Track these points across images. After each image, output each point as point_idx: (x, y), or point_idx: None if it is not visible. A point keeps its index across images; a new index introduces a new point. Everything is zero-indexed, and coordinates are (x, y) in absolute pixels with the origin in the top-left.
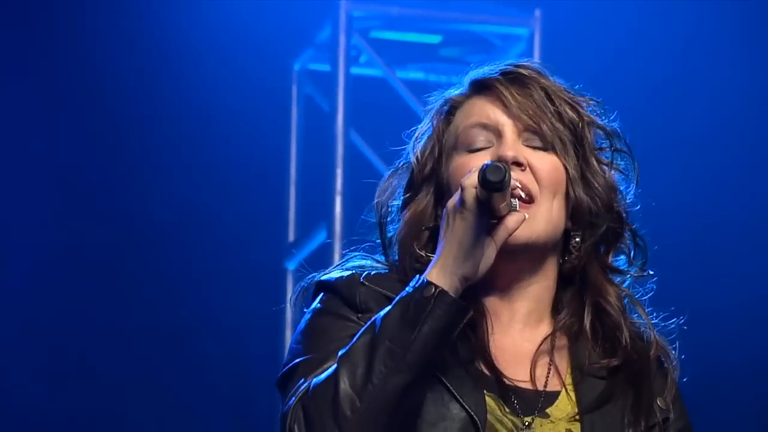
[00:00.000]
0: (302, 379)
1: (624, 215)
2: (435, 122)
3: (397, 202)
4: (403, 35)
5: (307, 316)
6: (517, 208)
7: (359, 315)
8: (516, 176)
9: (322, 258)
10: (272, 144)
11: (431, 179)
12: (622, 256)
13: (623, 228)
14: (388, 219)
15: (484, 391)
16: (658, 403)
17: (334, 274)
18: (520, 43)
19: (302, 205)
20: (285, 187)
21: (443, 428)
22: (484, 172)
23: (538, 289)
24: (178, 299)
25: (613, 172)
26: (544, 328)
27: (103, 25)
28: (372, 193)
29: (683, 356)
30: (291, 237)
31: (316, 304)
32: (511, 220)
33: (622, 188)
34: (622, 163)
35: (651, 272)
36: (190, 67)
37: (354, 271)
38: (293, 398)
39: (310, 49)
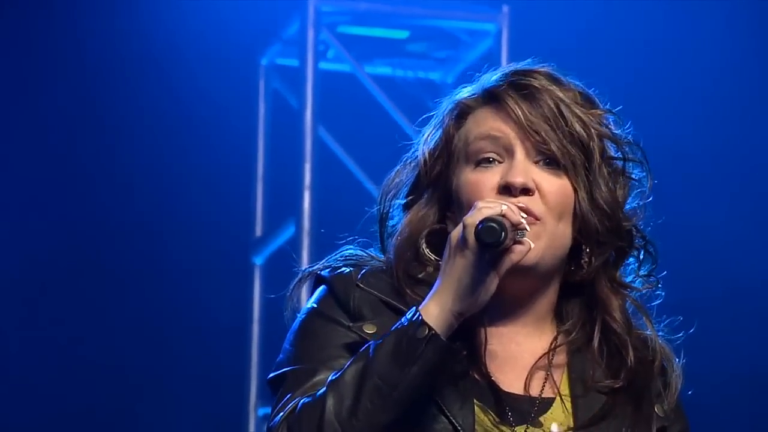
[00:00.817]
0: (290, 393)
1: (633, 230)
2: (445, 125)
3: (400, 201)
4: (371, 30)
5: (302, 315)
6: (524, 238)
7: (351, 324)
8: (523, 201)
9: (290, 253)
10: (239, 139)
11: (438, 183)
12: (632, 259)
13: (632, 244)
14: (390, 214)
15: (474, 401)
16: (656, 411)
17: (334, 267)
18: (487, 39)
19: (270, 200)
20: (252, 183)
21: None
22: (478, 232)
23: (540, 303)
24: (144, 293)
25: (626, 181)
26: (545, 338)
27: (68, 22)
28: (340, 189)
29: (685, 362)
30: (258, 232)
31: (312, 302)
32: (515, 253)
33: (634, 196)
34: (636, 171)
35: (659, 283)
36: (156, 61)
37: (352, 269)
38: (280, 414)
39: (277, 44)
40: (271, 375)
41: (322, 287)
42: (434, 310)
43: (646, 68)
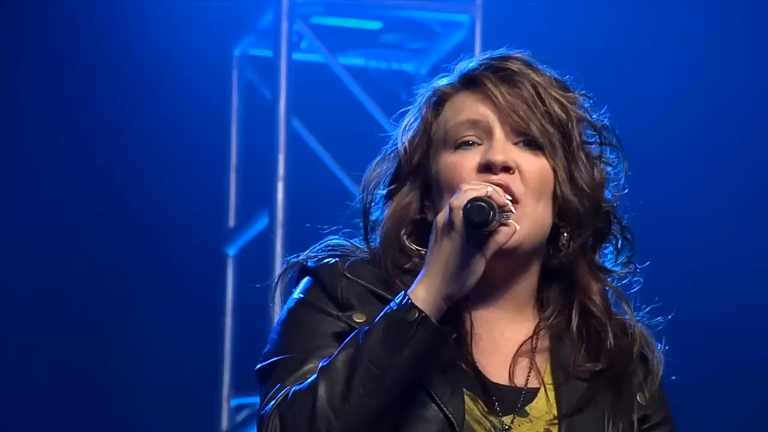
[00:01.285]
0: (280, 382)
1: (612, 212)
2: (424, 113)
3: (382, 191)
4: (344, 21)
5: (289, 305)
6: (509, 220)
7: (340, 313)
8: (503, 179)
9: (263, 244)
10: (212, 130)
11: (418, 171)
12: (610, 247)
13: (611, 226)
14: (372, 205)
15: (464, 390)
16: (638, 399)
17: (319, 258)
18: (461, 30)
19: (243, 191)
20: (225, 173)
21: (421, 430)
22: (468, 212)
23: (522, 287)
24: (117, 284)
25: (602, 166)
26: (527, 325)
27: (41, 13)
28: (314, 180)
29: (667, 349)
30: (232, 223)
31: (298, 293)
32: (501, 234)
33: (611, 181)
34: (612, 156)
35: (638, 268)
36: (129, 52)
37: (337, 259)
38: (271, 403)
39: (250, 34)
40: (258, 365)
41: (307, 278)
42: (423, 294)
43: (620, 59)
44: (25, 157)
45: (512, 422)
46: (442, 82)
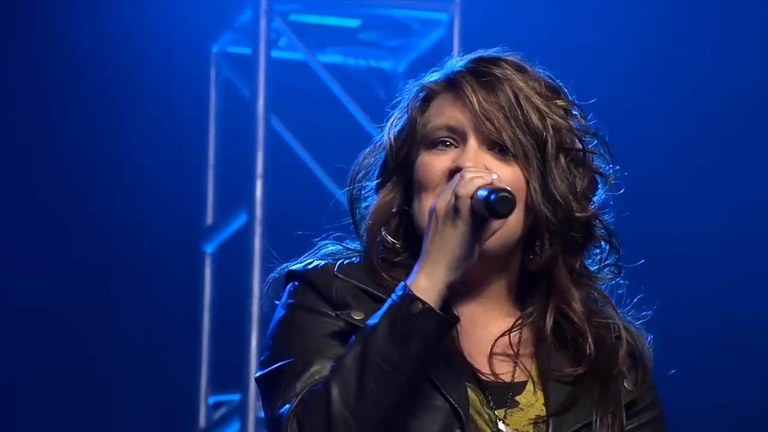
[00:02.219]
0: (289, 385)
1: (594, 219)
2: (410, 109)
3: (368, 183)
4: (323, 19)
5: (282, 312)
6: None
7: (337, 312)
8: None
9: (241, 241)
10: (190, 127)
11: (404, 167)
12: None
13: (590, 234)
14: (361, 199)
15: (466, 383)
16: (625, 384)
17: (306, 263)
18: (439, 28)
19: (221, 188)
20: (203, 171)
21: (428, 420)
22: (492, 202)
23: (499, 285)
24: (95, 280)
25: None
26: (509, 321)
27: (18, 10)
28: (292, 177)
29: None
30: (209, 220)
31: (289, 298)
32: (497, 222)
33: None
34: (600, 162)
35: (621, 274)
36: (107, 48)
37: (326, 261)
38: (286, 406)
39: (229, 32)
40: (260, 373)
41: (296, 283)
42: (424, 283)
43: (599, 56)
44: (1, 156)
45: (505, 414)
46: (431, 78)
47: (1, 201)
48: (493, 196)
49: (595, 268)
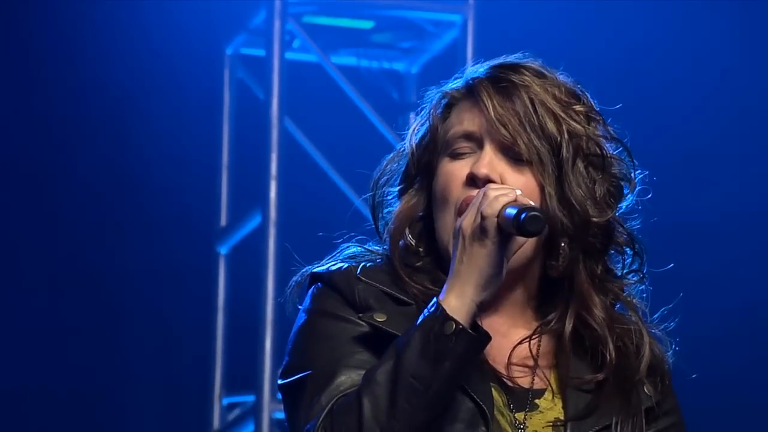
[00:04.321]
0: (314, 397)
1: (615, 225)
2: (431, 116)
3: (391, 188)
4: (336, 20)
5: (304, 317)
6: None
7: (360, 315)
8: None
9: (255, 242)
10: (205, 128)
11: (425, 173)
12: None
13: (611, 240)
14: (384, 204)
15: (490, 383)
16: (645, 390)
17: (329, 266)
18: (452, 30)
19: (235, 189)
20: (217, 172)
21: (451, 418)
22: (522, 221)
23: (519, 293)
24: (110, 282)
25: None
26: (529, 329)
27: (32, 8)
28: (306, 179)
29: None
30: (223, 221)
31: (312, 303)
32: (522, 238)
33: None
34: (623, 168)
35: (645, 280)
36: (121, 50)
37: (349, 264)
38: (312, 421)
39: (243, 33)
40: (283, 381)
41: (319, 285)
42: (456, 303)
43: (613, 58)
44: (16, 157)
45: (525, 417)
46: (452, 85)
47: (15, 202)
48: (522, 215)
49: (620, 273)
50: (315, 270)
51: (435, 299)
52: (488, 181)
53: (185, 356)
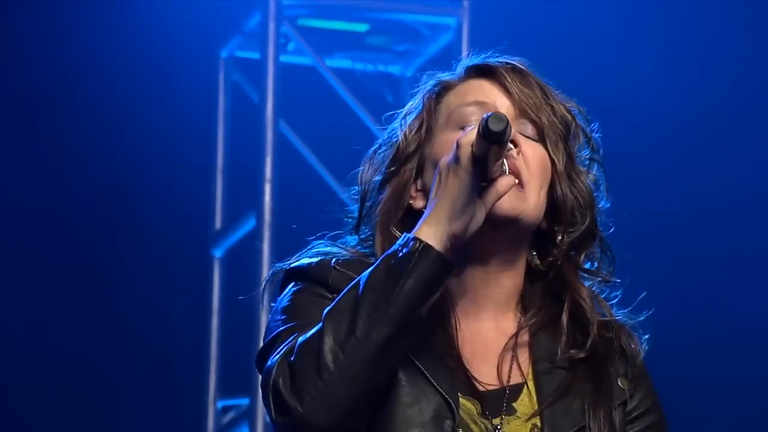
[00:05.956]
0: (285, 341)
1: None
2: (425, 101)
3: (378, 178)
4: (331, 23)
5: (284, 297)
6: (507, 172)
7: (334, 295)
8: (508, 153)
9: (250, 246)
10: (199, 131)
11: (415, 155)
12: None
13: (598, 231)
14: (370, 192)
15: (459, 395)
16: (619, 383)
17: (303, 261)
18: (447, 33)
19: (230, 193)
20: (212, 175)
21: (418, 410)
22: (486, 121)
23: (509, 280)
24: (103, 285)
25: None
26: (511, 324)
27: (25, 11)
28: (301, 182)
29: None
30: (218, 224)
31: (290, 287)
32: (501, 183)
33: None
34: (595, 167)
35: (618, 279)
36: (115, 53)
37: (323, 257)
38: (278, 355)
39: (237, 36)
40: (260, 348)
41: (293, 279)
42: (427, 230)
43: (608, 61)
44: (8, 160)
45: (501, 423)
46: (446, 75)
47: (7, 205)
48: (486, 115)
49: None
50: (289, 265)
51: (405, 233)
52: (513, 140)
53: (180, 359)
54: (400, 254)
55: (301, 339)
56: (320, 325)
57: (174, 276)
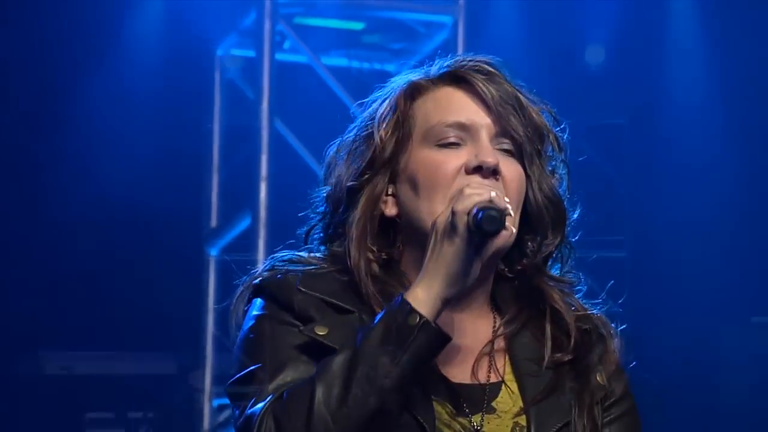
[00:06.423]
0: (260, 389)
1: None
2: (400, 105)
3: (351, 183)
4: (327, 22)
5: (250, 323)
6: (506, 224)
7: (301, 328)
8: (493, 184)
9: (246, 243)
10: (195, 129)
11: (389, 163)
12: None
13: (569, 243)
14: (340, 202)
15: (432, 397)
16: (597, 379)
17: (268, 277)
18: (443, 31)
19: (226, 191)
20: (208, 173)
21: None
22: (479, 220)
23: (481, 291)
24: (99, 282)
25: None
26: (485, 324)
27: (24, 9)
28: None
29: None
30: (213, 223)
31: (256, 311)
32: (500, 239)
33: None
34: (560, 169)
35: (581, 280)
36: (112, 50)
37: (287, 274)
38: (260, 404)
39: (233, 34)
40: (230, 382)
41: (260, 297)
42: (423, 297)
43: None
44: (5, 158)
45: (481, 420)
46: (419, 75)
47: (4, 204)
48: (480, 214)
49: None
50: (254, 281)
51: (401, 294)
52: (495, 171)
53: (175, 356)
54: (398, 324)
55: (289, 393)
56: (311, 381)
57: (169, 274)
